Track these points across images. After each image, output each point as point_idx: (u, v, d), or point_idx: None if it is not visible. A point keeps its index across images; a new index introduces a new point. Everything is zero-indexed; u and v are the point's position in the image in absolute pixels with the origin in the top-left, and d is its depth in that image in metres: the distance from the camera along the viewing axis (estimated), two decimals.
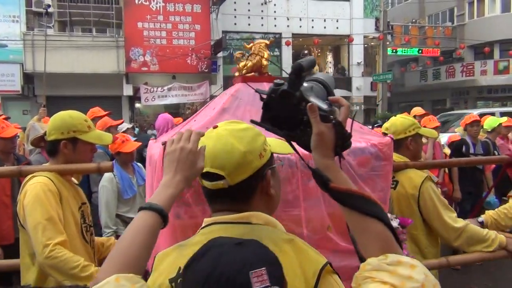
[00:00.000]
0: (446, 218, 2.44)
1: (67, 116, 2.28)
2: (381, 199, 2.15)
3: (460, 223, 2.46)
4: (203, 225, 1.22)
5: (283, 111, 1.06)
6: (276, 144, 1.30)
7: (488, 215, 2.74)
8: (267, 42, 2.39)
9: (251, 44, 2.38)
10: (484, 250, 2.44)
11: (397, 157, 2.62)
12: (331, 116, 1.02)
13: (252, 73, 2.35)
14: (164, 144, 1.78)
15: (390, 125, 2.73)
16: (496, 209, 2.79)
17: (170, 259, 1.17)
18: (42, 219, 2.03)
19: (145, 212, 1.08)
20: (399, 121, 2.73)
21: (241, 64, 2.39)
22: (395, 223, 2.16)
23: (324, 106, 1.03)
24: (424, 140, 3.80)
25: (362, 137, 2.18)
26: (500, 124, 6.35)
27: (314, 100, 1.03)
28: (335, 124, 1.02)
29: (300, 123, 1.05)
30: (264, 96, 1.09)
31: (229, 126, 1.21)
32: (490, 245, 2.44)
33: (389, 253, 1.00)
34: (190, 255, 1.06)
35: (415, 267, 0.94)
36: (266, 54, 2.33)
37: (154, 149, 2.18)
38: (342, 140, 1.04)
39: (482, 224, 2.69)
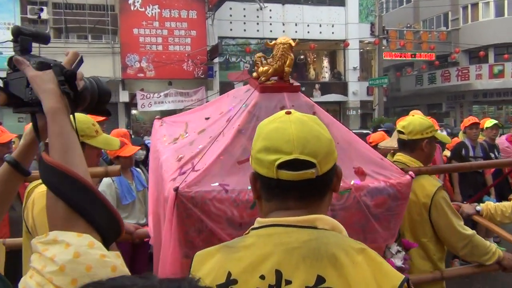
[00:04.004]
0: (457, 226, 2.42)
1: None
2: (391, 235, 2.09)
3: (469, 231, 2.45)
4: (256, 225, 1.06)
5: (16, 79, 1.09)
6: None
7: (486, 207, 2.78)
8: (293, 43, 1.99)
9: (273, 42, 2.04)
10: (485, 262, 2.45)
11: (410, 161, 2.54)
12: (52, 64, 1.06)
13: (272, 80, 2.06)
14: (176, 190, 1.73)
15: (407, 123, 2.58)
16: (495, 204, 2.81)
17: (216, 261, 1.04)
18: None
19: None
20: (417, 121, 2.60)
21: (261, 69, 2.04)
22: (397, 248, 2.16)
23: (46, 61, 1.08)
24: None
25: (381, 174, 2.06)
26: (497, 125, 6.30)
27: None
28: (53, 66, 1.05)
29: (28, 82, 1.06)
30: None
31: (301, 114, 1.08)
32: (490, 258, 2.44)
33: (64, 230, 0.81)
34: (243, 259, 1.00)
35: (69, 246, 0.77)
36: (289, 59, 1.99)
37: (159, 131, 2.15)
38: (68, 79, 1.05)
39: (478, 212, 2.76)
